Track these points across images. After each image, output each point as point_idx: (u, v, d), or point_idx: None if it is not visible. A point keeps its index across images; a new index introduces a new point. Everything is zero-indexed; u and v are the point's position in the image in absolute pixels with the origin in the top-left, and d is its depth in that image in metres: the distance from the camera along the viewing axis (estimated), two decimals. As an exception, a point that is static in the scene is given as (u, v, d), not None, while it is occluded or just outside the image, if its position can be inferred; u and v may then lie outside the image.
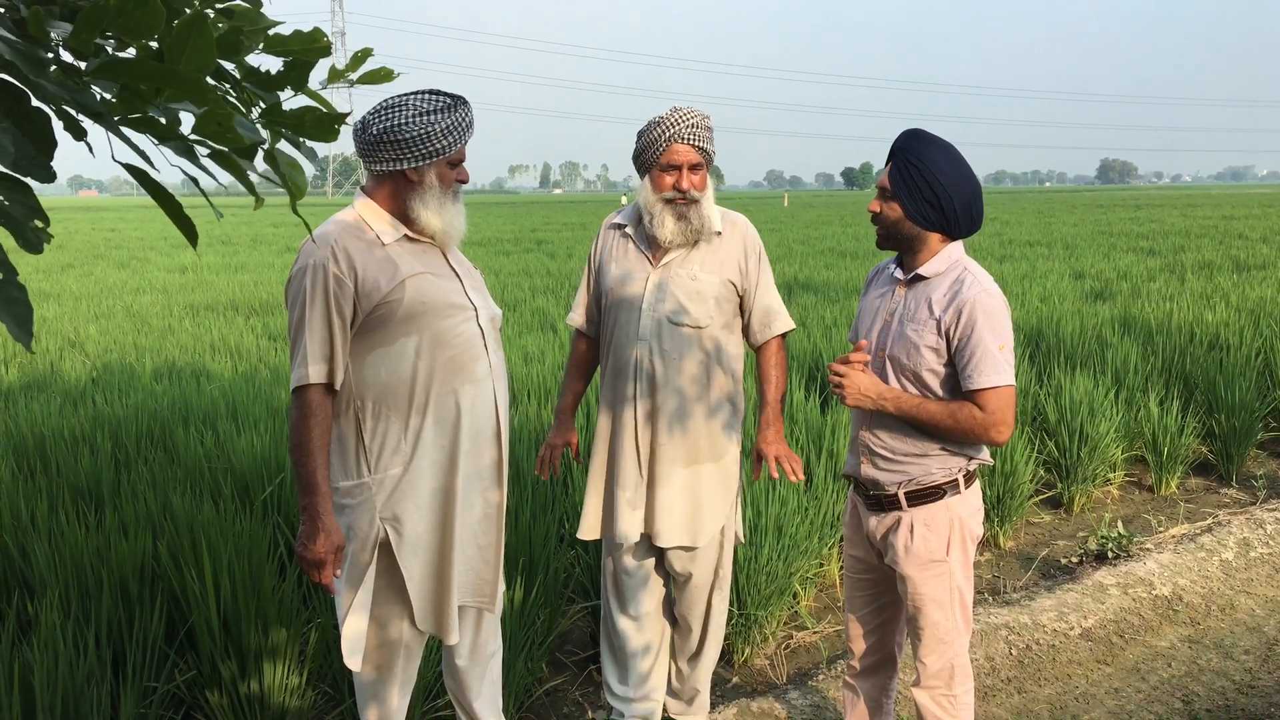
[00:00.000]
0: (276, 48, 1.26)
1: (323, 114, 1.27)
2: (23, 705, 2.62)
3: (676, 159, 2.88)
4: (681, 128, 2.87)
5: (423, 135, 2.39)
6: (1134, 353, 6.73)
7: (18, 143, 1.08)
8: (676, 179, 2.89)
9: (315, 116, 1.27)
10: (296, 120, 1.27)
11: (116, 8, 1.01)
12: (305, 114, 1.27)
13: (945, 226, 2.48)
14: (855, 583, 2.77)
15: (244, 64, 1.24)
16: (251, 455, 4.30)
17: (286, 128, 1.28)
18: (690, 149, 2.88)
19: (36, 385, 6.60)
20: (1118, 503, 5.60)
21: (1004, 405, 2.38)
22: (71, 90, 1.06)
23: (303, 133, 1.28)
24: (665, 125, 2.88)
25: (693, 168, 2.89)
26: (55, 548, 3.33)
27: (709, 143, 2.92)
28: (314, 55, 1.28)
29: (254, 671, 2.96)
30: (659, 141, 2.89)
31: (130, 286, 13.59)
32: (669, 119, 2.89)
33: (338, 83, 1.38)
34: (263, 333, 9.05)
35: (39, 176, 1.11)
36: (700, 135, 2.89)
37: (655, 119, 2.92)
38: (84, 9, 1.02)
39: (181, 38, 1.03)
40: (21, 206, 1.14)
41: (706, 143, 2.91)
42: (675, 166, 2.88)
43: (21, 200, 1.14)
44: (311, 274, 2.38)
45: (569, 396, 3.22)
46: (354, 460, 2.48)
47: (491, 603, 2.64)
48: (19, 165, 1.09)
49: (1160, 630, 4.07)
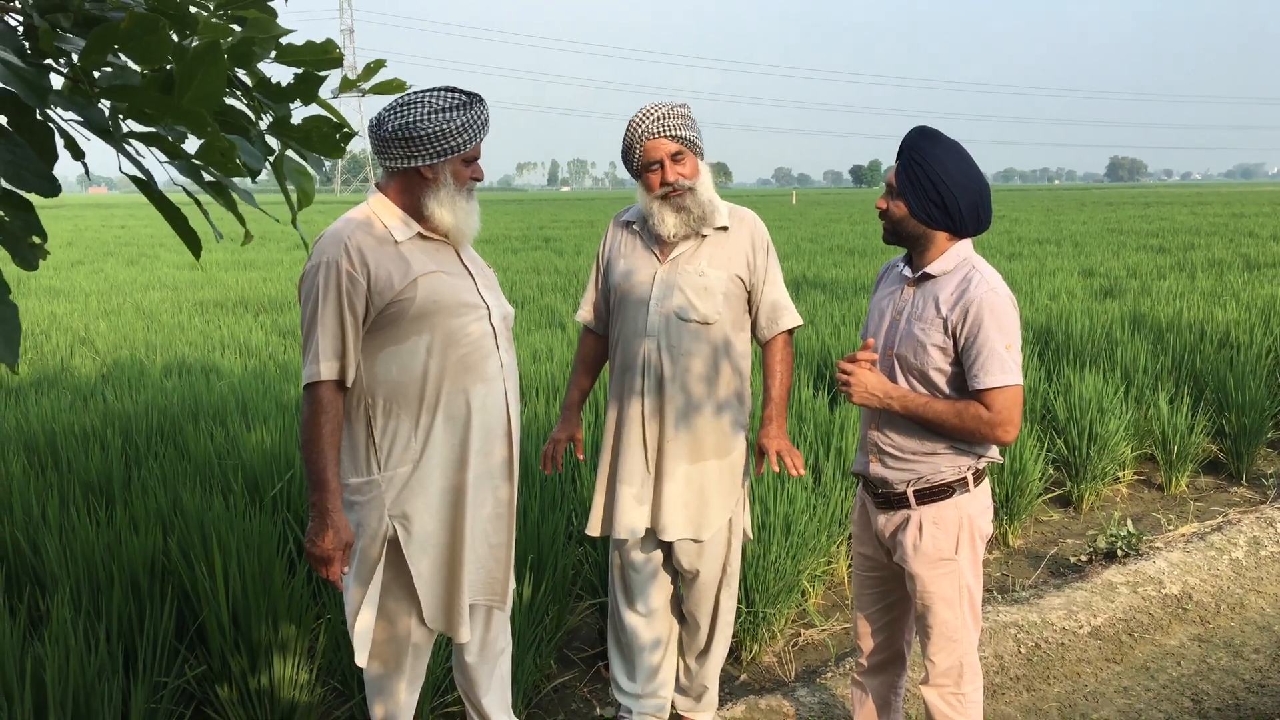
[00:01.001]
0: (288, 58, 1.26)
1: (330, 128, 1.26)
2: (34, 700, 2.64)
3: (653, 155, 2.86)
4: (648, 124, 2.85)
5: (438, 132, 2.39)
6: (1144, 351, 6.71)
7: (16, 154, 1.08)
8: (661, 174, 2.88)
9: (322, 131, 1.27)
10: (304, 134, 1.27)
11: (126, 31, 1.02)
12: (313, 128, 1.27)
13: (950, 226, 2.48)
14: (864, 581, 2.77)
15: (256, 72, 1.24)
16: (261, 452, 4.32)
17: (294, 140, 1.28)
18: (664, 140, 2.85)
19: (47, 381, 6.63)
20: (1127, 501, 5.59)
21: (1010, 405, 2.38)
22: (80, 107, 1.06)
23: (310, 147, 1.29)
24: (633, 127, 2.87)
25: (674, 158, 2.86)
26: (66, 543, 3.34)
27: (685, 129, 2.87)
28: (325, 67, 1.28)
29: (264, 667, 2.97)
30: (633, 146, 2.88)
31: (140, 283, 13.63)
32: (634, 120, 2.88)
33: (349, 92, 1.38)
34: (272, 329, 9.07)
35: (42, 190, 1.11)
36: (670, 125, 2.85)
37: (627, 125, 2.91)
38: (95, 31, 1.02)
39: (193, 67, 1.03)
40: (20, 223, 1.14)
41: (681, 130, 2.86)
42: (655, 163, 2.87)
43: (21, 217, 1.14)
44: (325, 271, 2.38)
45: (575, 392, 3.22)
46: (364, 457, 2.49)
47: (502, 601, 2.65)
48: (23, 180, 1.09)
49: (1170, 629, 4.06)
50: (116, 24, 1.01)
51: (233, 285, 13.06)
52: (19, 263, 1.15)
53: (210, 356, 7.66)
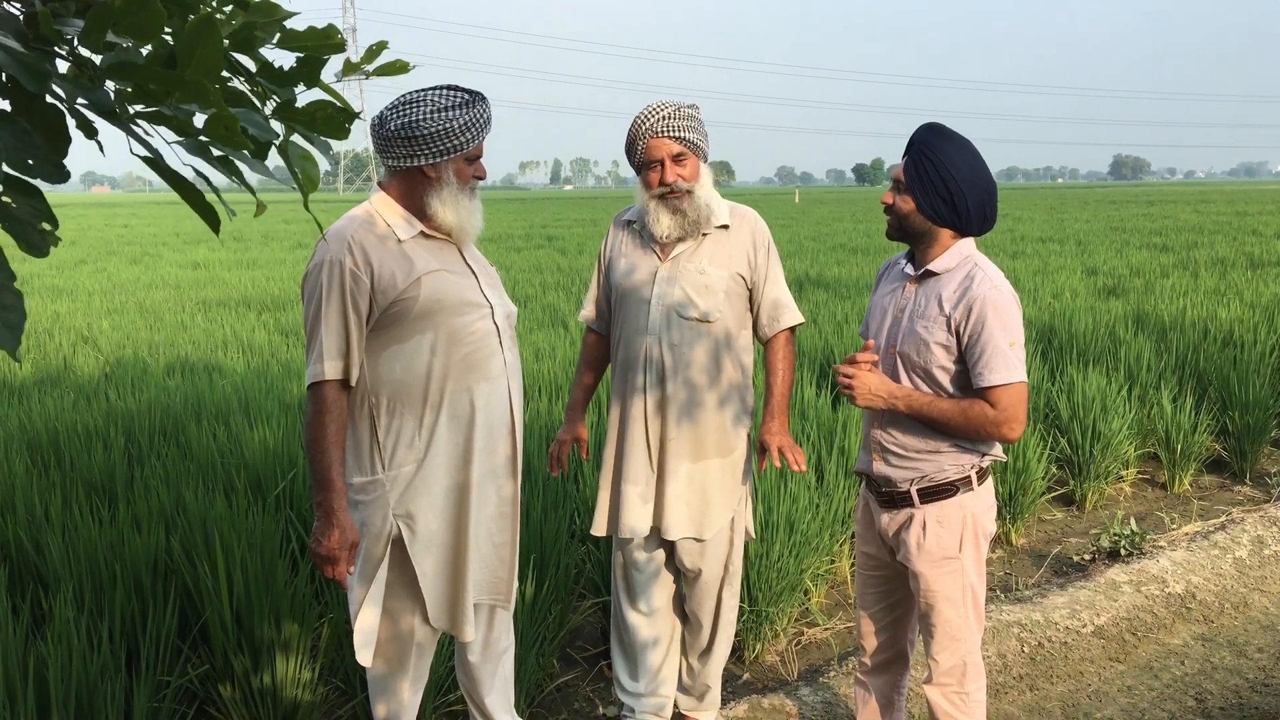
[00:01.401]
0: (290, 43, 1.26)
1: (335, 110, 1.27)
2: (38, 698, 2.64)
3: (655, 154, 2.86)
4: (653, 122, 2.85)
5: (441, 131, 2.39)
6: (1147, 349, 6.70)
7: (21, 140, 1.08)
8: (660, 173, 2.87)
9: (327, 113, 1.27)
10: (309, 117, 1.27)
11: (121, 8, 1.02)
12: (317, 110, 1.27)
13: (957, 223, 2.47)
14: (867, 580, 2.77)
15: (259, 57, 1.24)
16: (264, 451, 4.32)
17: (299, 124, 1.28)
18: (667, 141, 2.85)
19: (50, 380, 6.63)
20: (1130, 500, 5.58)
21: (1016, 402, 2.37)
22: (85, 89, 1.07)
23: (315, 129, 1.28)
24: (638, 124, 2.87)
25: (676, 159, 2.86)
26: (69, 542, 3.35)
27: (689, 131, 2.87)
28: (327, 51, 1.28)
29: (266, 666, 2.97)
30: (635, 142, 2.88)
31: (143, 282, 13.65)
32: (640, 117, 2.87)
33: (353, 75, 1.38)
34: (274, 328, 9.08)
35: (51, 177, 1.11)
36: (675, 125, 2.85)
37: (633, 119, 2.91)
38: (91, 11, 1.03)
39: (191, 41, 1.04)
40: (28, 208, 1.14)
41: (685, 131, 2.86)
42: (656, 162, 2.87)
43: (29, 202, 1.14)
44: (328, 270, 2.38)
45: (579, 392, 3.22)
46: (368, 456, 2.49)
47: (507, 600, 2.65)
48: (33, 168, 1.09)
49: (1173, 628, 4.05)
50: (111, 2, 1.02)
51: (235, 284, 13.08)
52: (27, 248, 1.14)
53: (213, 355, 7.66)
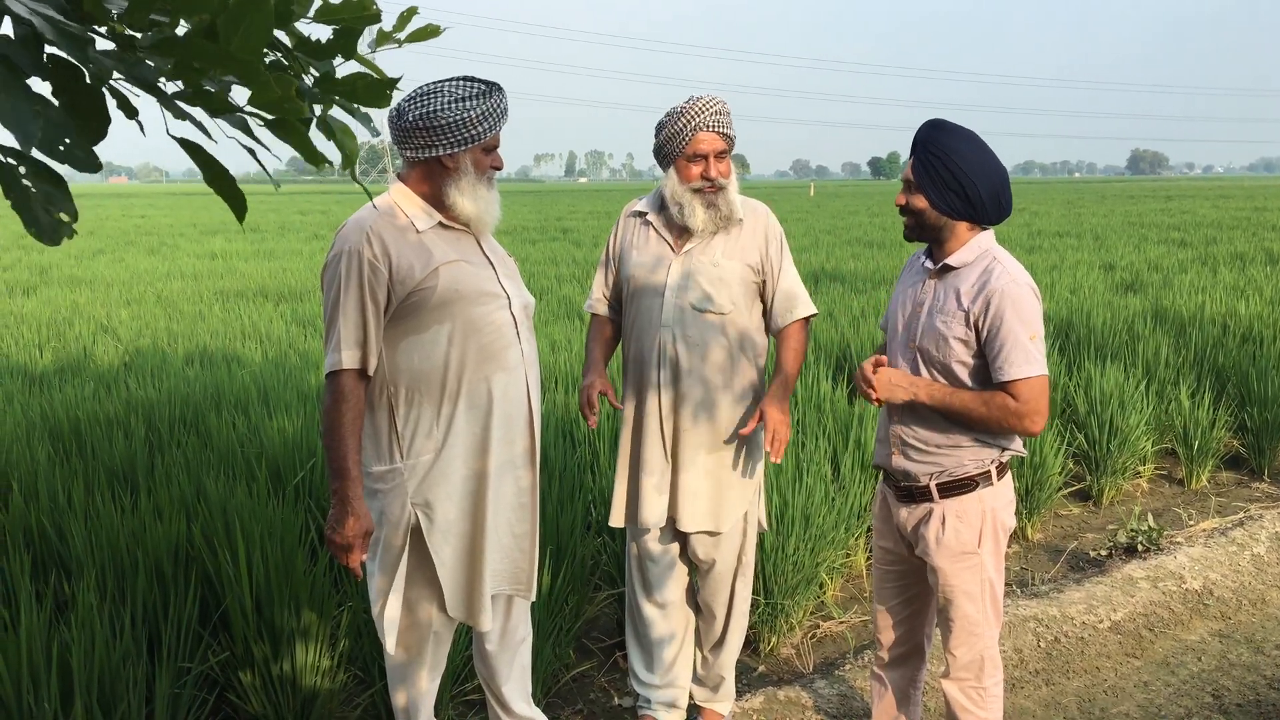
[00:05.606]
0: (326, 16, 1.27)
1: (375, 80, 1.28)
2: (61, 684, 2.67)
3: (703, 148, 2.88)
4: (706, 116, 2.86)
5: (458, 121, 2.40)
6: (1165, 345, 6.67)
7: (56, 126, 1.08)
8: (704, 168, 2.88)
9: (367, 82, 1.28)
10: (349, 87, 1.28)
11: None
12: (358, 80, 1.28)
13: (972, 214, 2.46)
14: (885, 574, 2.77)
15: (295, 32, 1.25)
16: (283, 440, 4.34)
17: (340, 95, 1.29)
18: (715, 136, 2.88)
19: (70, 369, 6.68)
20: (1147, 496, 5.56)
21: (1038, 395, 2.36)
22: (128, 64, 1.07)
23: (355, 99, 1.30)
24: (689, 115, 2.87)
25: (718, 155, 2.89)
26: (91, 529, 3.38)
27: (731, 129, 2.92)
28: (363, 23, 1.29)
29: (286, 653, 3.00)
30: (684, 132, 2.88)
31: (161, 272, 13.72)
32: (692, 109, 2.88)
33: (386, 45, 1.39)
34: (292, 319, 9.12)
35: (84, 166, 1.11)
36: (723, 122, 2.89)
37: (676, 109, 2.90)
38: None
39: (237, 15, 1.04)
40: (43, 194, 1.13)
41: (729, 129, 2.91)
42: (702, 156, 2.88)
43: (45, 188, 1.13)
44: (347, 260, 2.40)
45: (598, 350, 3.11)
46: (386, 446, 2.50)
47: (528, 590, 2.66)
48: (65, 154, 1.09)
49: (1190, 624, 4.04)
50: None
51: (253, 275, 13.13)
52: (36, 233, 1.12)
53: (231, 345, 7.70)
